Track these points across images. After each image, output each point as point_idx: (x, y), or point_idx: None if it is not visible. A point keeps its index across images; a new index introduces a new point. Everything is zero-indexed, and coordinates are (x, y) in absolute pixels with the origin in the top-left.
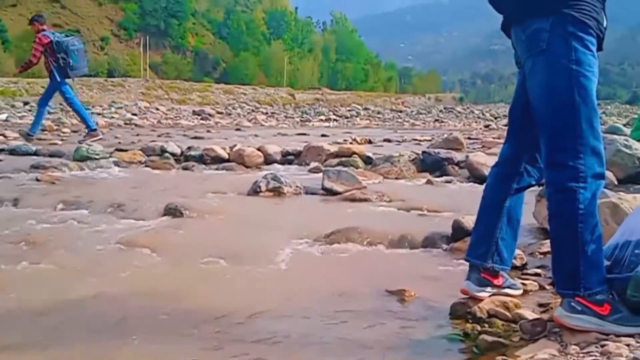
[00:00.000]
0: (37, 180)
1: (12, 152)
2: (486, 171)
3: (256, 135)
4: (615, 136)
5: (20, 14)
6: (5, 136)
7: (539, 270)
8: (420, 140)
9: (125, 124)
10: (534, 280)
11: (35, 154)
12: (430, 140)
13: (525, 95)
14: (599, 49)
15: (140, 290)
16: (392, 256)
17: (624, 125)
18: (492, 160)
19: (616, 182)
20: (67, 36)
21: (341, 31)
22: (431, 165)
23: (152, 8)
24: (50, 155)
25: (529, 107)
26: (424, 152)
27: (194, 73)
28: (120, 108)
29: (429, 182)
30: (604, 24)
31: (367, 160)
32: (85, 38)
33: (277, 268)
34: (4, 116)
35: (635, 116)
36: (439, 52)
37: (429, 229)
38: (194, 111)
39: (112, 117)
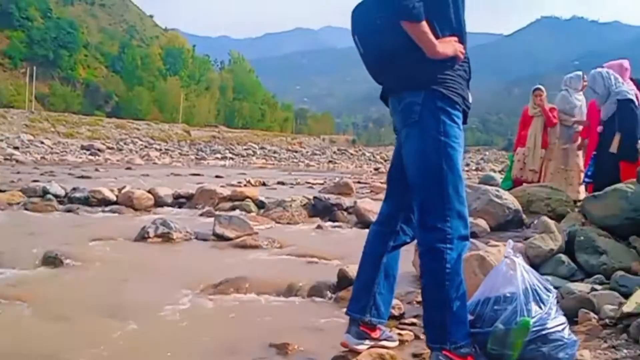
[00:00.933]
0: None
1: None
2: (372, 217)
3: (147, 175)
4: (488, 187)
5: None
6: None
7: (415, 320)
8: (313, 184)
9: (5, 159)
10: (410, 330)
11: None
12: (322, 184)
13: (401, 159)
14: (464, 122)
15: (9, 351)
16: (279, 307)
17: (499, 170)
18: (379, 206)
19: (489, 230)
20: None
21: (239, 70)
22: (322, 210)
23: (40, 38)
24: None
25: (403, 171)
26: (315, 197)
27: (83, 106)
28: (1, 140)
29: (319, 227)
30: (469, 100)
31: (260, 205)
32: None
33: (161, 322)
34: None
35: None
36: (333, 96)
37: (316, 277)
38: (82, 146)
39: None
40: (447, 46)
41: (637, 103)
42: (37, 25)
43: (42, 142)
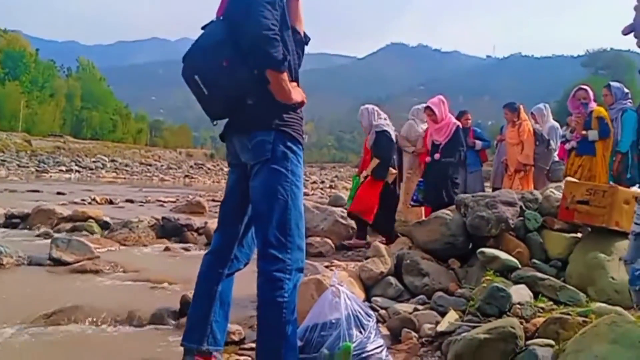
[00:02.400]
0: None
1: None
2: None
3: None
4: (335, 208)
5: None
6: None
7: (255, 345)
8: (164, 202)
9: None
10: (249, 355)
11: None
12: (174, 202)
13: (237, 192)
14: None
15: None
16: (117, 336)
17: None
18: None
19: (334, 249)
20: None
21: (88, 78)
22: (171, 231)
23: None
24: None
25: (239, 202)
26: (164, 217)
27: None
28: None
29: (167, 249)
30: (305, 138)
31: (104, 226)
32: None
33: None
34: None
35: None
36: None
37: (159, 303)
38: None
39: None
40: (297, 93)
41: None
42: None
43: None
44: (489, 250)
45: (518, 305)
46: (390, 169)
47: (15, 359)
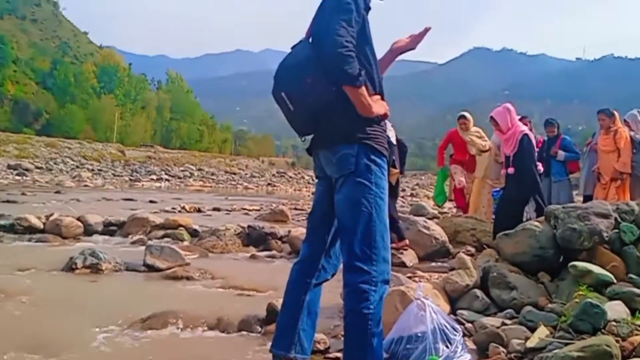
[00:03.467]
0: None
1: None
2: None
3: (78, 200)
4: (417, 218)
5: None
6: None
7: (339, 355)
8: (249, 210)
9: None
10: None
11: None
12: (259, 210)
13: (324, 204)
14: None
15: None
16: (207, 341)
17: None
18: None
19: (417, 260)
20: None
21: (176, 90)
22: (256, 239)
23: None
24: None
25: (326, 214)
26: (249, 226)
27: (11, 123)
28: None
29: (252, 257)
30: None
31: (193, 233)
32: None
33: (83, 359)
34: None
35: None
36: (273, 118)
37: (246, 310)
38: (9, 165)
39: None
40: (379, 106)
41: (531, 139)
42: None
43: None
44: (582, 264)
45: (614, 323)
46: (392, 169)
47: (119, 358)
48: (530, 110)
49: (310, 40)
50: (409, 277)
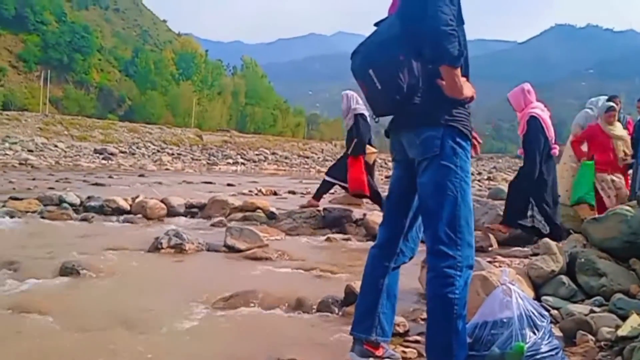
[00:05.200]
0: None
1: None
2: None
3: (160, 183)
4: (496, 202)
5: None
6: None
7: (419, 338)
8: None
9: (21, 164)
10: (414, 348)
11: None
12: (332, 193)
13: (402, 187)
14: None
15: None
16: (288, 321)
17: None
18: None
19: (496, 244)
20: None
21: (251, 76)
22: (331, 222)
23: (55, 41)
24: None
25: (404, 197)
26: (324, 208)
27: (97, 109)
28: (15, 143)
29: (328, 239)
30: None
31: (271, 216)
32: None
33: (173, 335)
34: None
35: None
36: None
37: (324, 291)
38: (95, 149)
39: (6, 155)
40: (468, 88)
41: (540, 121)
42: (51, 29)
43: (56, 146)
44: None
45: None
46: (371, 147)
47: (206, 335)
48: (617, 89)
49: (397, 16)
50: (489, 262)
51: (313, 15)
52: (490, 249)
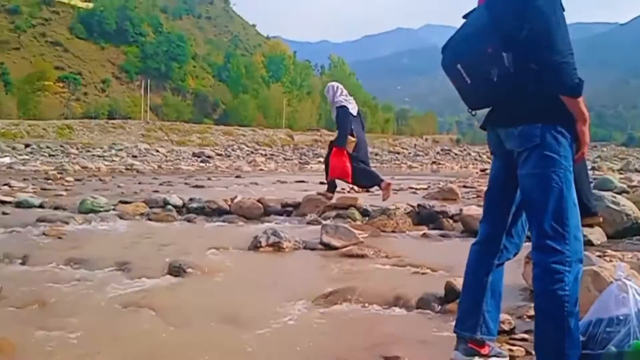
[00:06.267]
0: (44, 234)
1: (19, 205)
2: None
3: (256, 184)
4: (604, 193)
5: (22, 57)
6: (10, 186)
7: (526, 335)
8: (416, 189)
9: (127, 169)
10: (521, 346)
11: (41, 206)
12: (426, 189)
13: (502, 181)
14: None
15: (144, 357)
16: (387, 318)
17: (619, 169)
18: None
19: (605, 238)
20: None
21: (339, 74)
22: (426, 218)
23: (153, 51)
24: (55, 208)
25: (504, 191)
26: (419, 205)
27: (193, 115)
28: (121, 150)
29: (424, 235)
30: None
31: (364, 213)
32: (87, 80)
33: (276, 331)
34: (7, 160)
35: (631, 158)
36: (436, 94)
37: (423, 288)
38: (193, 153)
39: (113, 161)
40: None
41: None
42: (149, 40)
43: (157, 151)
44: None
45: None
46: (350, 137)
47: (307, 332)
48: None
49: (487, 8)
50: (599, 257)
51: (399, 10)
52: (598, 242)
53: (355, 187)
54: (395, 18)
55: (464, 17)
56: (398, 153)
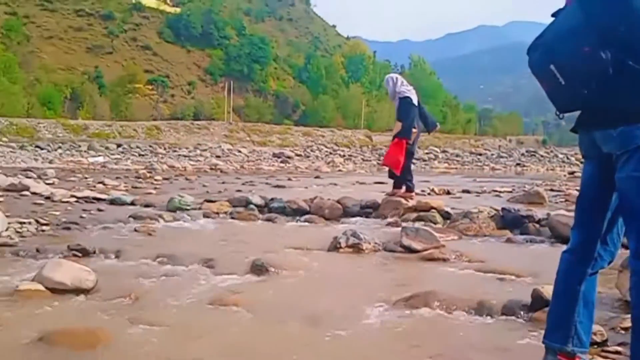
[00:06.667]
0: (135, 231)
1: (112, 202)
2: (568, 232)
3: (335, 184)
4: None
5: (115, 61)
6: (104, 184)
7: (620, 348)
8: (500, 192)
9: (211, 169)
10: (613, 359)
11: (132, 204)
12: (510, 192)
13: (595, 186)
14: None
15: (230, 352)
16: (470, 324)
17: None
18: None
19: None
20: None
21: (419, 74)
22: (511, 222)
23: (236, 54)
24: (145, 206)
25: (598, 197)
26: (503, 208)
27: (274, 116)
28: (205, 150)
29: (508, 240)
30: None
31: (446, 216)
32: (174, 83)
33: (357, 333)
34: (100, 159)
35: None
36: (520, 93)
37: (508, 295)
38: (274, 153)
39: (198, 161)
40: None
41: None
42: (233, 43)
43: (240, 151)
44: None
45: None
46: (399, 125)
47: (388, 335)
48: None
49: (579, 5)
50: None
51: (483, 7)
52: None
53: (436, 189)
54: (478, 15)
55: (553, 15)
56: (480, 154)
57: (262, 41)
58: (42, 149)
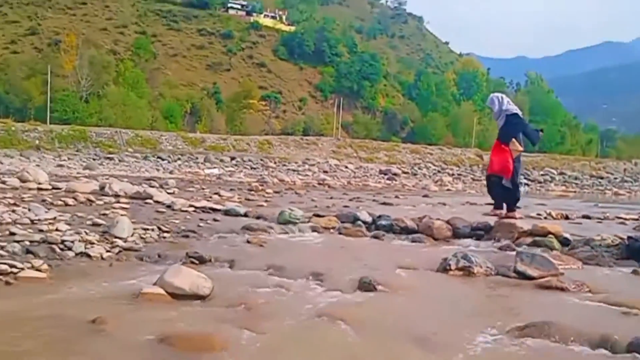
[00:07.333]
0: (248, 242)
1: (227, 213)
2: None
3: (444, 204)
4: None
5: (232, 77)
6: (220, 195)
7: None
8: (625, 219)
9: (319, 184)
10: None
11: (245, 215)
12: (637, 220)
13: None
14: None
15: None
16: (589, 359)
17: None
18: None
19: None
20: None
21: (536, 92)
22: (638, 252)
23: (347, 71)
24: (257, 218)
25: None
26: (629, 237)
27: (382, 132)
28: (313, 165)
29: (635, 272)
30: None
31: (564, 242)
32: (286, 99)
33: (468, 359)
34: (216, 171)
35: None
36: None
37: (635, 331)
38: (380, 170)
39: (306, 175)
40: None
41: None
42: (344, 60)
43: (346, 167)
44: None
45: None
46: (518, 145)
47: None
48: None
49: None
50: None
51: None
52: None
53: (553, 213)
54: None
55: None
56: (601, 178)
57: (372, 58)
58: (163, 159)
